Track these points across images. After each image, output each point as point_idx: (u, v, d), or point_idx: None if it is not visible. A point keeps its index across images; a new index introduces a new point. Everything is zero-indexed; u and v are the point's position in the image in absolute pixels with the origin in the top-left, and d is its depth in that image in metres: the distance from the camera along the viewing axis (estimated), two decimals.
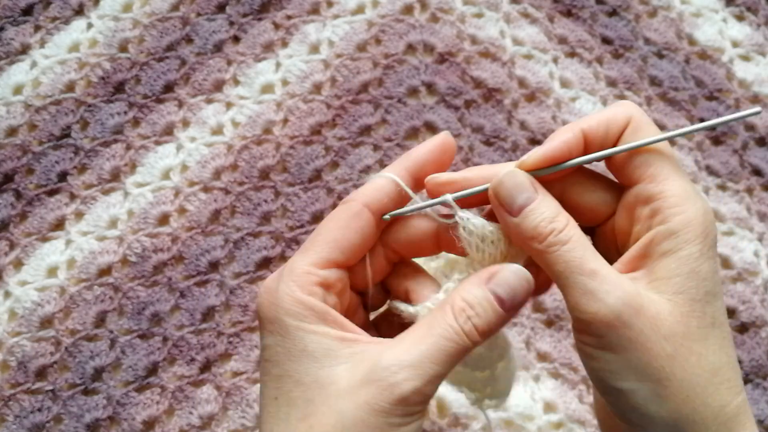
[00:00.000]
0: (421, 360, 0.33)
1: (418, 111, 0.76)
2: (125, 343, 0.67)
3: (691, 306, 0.34)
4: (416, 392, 0.33)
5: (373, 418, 0.32)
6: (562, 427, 0.65)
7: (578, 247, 0.35)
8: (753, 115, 0.37)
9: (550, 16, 0.82)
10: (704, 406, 0.34)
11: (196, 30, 0.80)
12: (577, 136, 0.37)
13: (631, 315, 0.33)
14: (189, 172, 0.74)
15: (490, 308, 0.35)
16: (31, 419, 0.64)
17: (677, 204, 0.35)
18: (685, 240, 0.34)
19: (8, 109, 0.76)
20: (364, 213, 0.37)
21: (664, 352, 0.33)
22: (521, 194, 0.36)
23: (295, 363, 0.34)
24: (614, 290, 0.33)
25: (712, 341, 0.34)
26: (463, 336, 0.34)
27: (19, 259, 0.70)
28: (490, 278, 0.36)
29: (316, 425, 0.33)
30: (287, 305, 0.35)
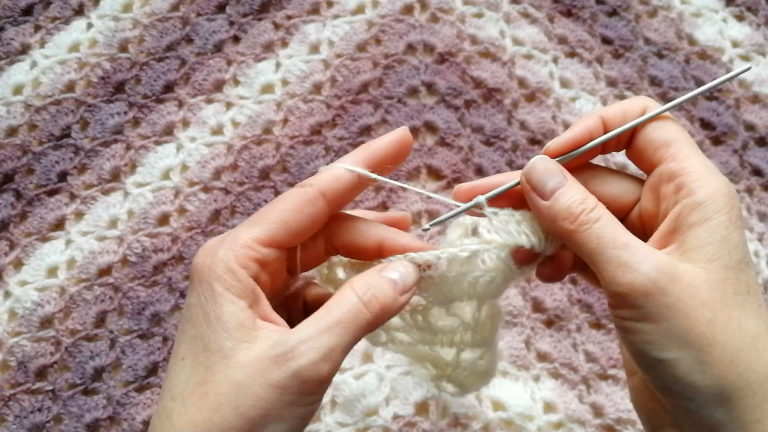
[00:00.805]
0: (317, 334, 0.34)
1: (418, 111, 0.76)
2: (125, 343, 0.67)
3: (726, 273, 0.34)
4: (312, 366, 0.33)
5: (267, 393, 0.33)
6: (562, 427, 0.65)
7: (610, 223, 0.36)
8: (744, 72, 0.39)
9: (550, 16, 0.82)
10: (749, 371, 0.34)
11: (196, 30, 0.80)
12: (597, 123, 0.39)
13: (667, 282, 0.34)
14: (189, 172, 0.74)
15: (387, 286, 0.37)
16: (31, 419, 0.64)
17: (701, 177, 0.36)
18: (713, 209, 0.35)
19: (8, 109, 0.76)
20: (319, 201, 0.38)
21: (703, 318, 0.34)
22: (552, 179, 0.37)
23: (208, 328, 0.35)
24: (648, 260, 0.34)
25: (749, 307, 0.35)
26: (361, 305, 0.35)
27: (19, 259, 0.70)
28: (382, 270, 0.38)
29: (210, 393, 0.33)
30: (219, 271, 0.36)
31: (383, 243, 0.40)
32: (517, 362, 0.67)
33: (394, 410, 0.65)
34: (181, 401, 0.34)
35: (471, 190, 0.41)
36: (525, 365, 0.67)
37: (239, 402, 0.33)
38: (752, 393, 0.34)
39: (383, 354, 0.66)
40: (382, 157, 0.40)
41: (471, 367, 0.46)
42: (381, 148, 0.40)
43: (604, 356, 0.67)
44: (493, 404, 0.65)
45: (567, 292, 0.69)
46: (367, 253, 0.41)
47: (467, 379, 0.47)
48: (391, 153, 0.40)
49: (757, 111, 0.78)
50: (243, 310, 0.35)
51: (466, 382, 0.48)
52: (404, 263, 0.38)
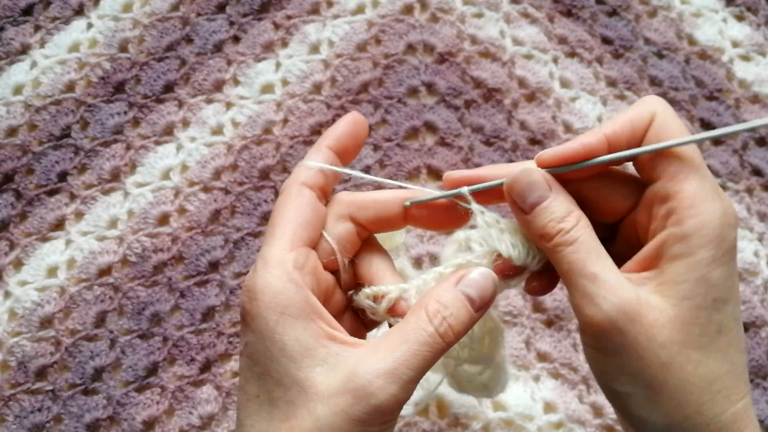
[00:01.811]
0: (396, 367, 0.33)
1: (418, 111, 0.76)
2: (125, 343, 0.67)
3: (696, 313, 0.33)
4: (392, 399, 0.33)
5: (350, 426, 0.33)
6: (562, 427, 0.65)
7: (582, 249, 0.35)
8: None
9: (550, 16, 0.82)
10: (697, 414, 0.33)
11: (196, 30, 0.80)
12: (600, 140, 0.36)
13: (626, 322, 0.33)
14: (189, 172, 0.74)
15: (463, 308, 0.35)
16: (31, 419, 0.64)
17: (692, 206, 0.34)
18: (697, 244, 0.33)
19: (8, 109, 0.76)
20: (304, 190, 0.39)
21: (658, 361, 0.33)
22: (534, 192, 0.36)
23: (275, 363, 0.35)
24: (611, 296, 0.33)
25: (714, 348, 0.34)
26: (438, 338, 0.34)
27: (19, 259, 0.70)
28: (459, 280, 0.36)
29: (296, 428, 0.33)
30: (268, 298, 0.35)
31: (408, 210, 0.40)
32: (517, 362, 0.67)
33: None
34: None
35: (460, 180, 0.39)
36: (525, 365, 0.67)
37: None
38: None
39: None
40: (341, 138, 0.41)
41: (470, 378, 0.46)
42: (337, 133, 0.41)
43: None
44: (493, 404, 0.65)
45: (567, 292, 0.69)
46: (394, 223, 0.41)
47: (466, 386, 0.47)
48: (348, 132, 0.41)
49: (757, 111, 0.78)
50: (304, 330, 0.35)
51: (464, 388, 0.47)
52: (482, 271, 0.36)
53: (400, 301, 0.39)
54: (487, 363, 0.45)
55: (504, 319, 0.68)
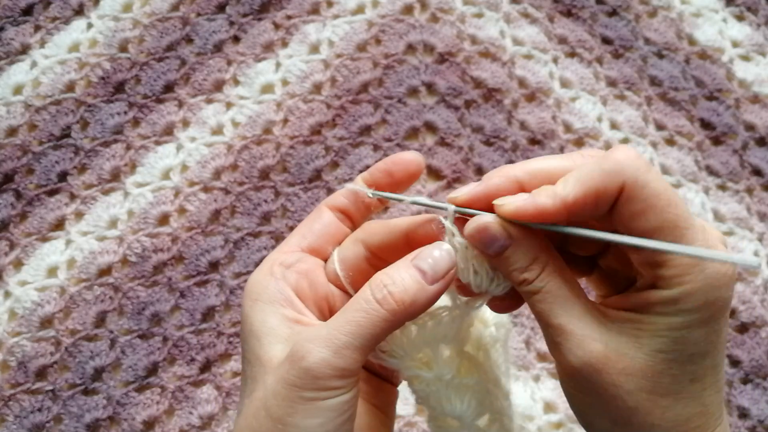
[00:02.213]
0: (329, 332, 0.34)
1: (418, 111, 0.76)
2: (125, 343, 0.67)
3: (668, 365, 0.33)
4: (324, 363, 0.33)
5: (287, 391, 0.34)
6: (562, 427, 0.65)
7: (547, 299, 0.34)
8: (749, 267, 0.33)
9: (550, 16, 0.82)
10: None
11: (196, 30, 0.80)
12: (557, 207, 0.33)
13: (591, 373, 0.33)
14: (189, 172, 0.74)
15: (410, 278, 0.35)
16: (31, 419, 0.64)
17: (684, 273, 0.32)
18: (681, 309, 0.32)
19: (8, 109, 0.75)
20: (323, 209, 0.41)
21: (624, 405, 0.33)
22: (494, 243, 0.35)
23: (246, 344, 0.37)
24: (575, 349, 0.33)
25: (685, 395, 0.33)
26: (375, 304, 0.34)
27: (19, 259, 0.70)
28: (415, 257, 0.36)
29: (254, 400, 0.35)
30: (247, 288, 0.38)
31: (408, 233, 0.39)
32: (517, 362, 0.67)
33: None
34: (239, 414, 0.37)
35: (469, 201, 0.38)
36: (525, 365, 0.67)
37: (269, 403, 0.34)
38: None
39: None
40: (372, 176, 0.40)
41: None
42: (378, 170, 0.41)
43: None
44: None
45: None
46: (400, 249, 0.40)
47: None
48: (382, 171, 0.40)
49: (757, 111, 0.78)
50: (272, 315, 0.37)
51: None
52: (439, 246, 0.36)
53: None
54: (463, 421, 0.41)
55: None
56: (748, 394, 0.67)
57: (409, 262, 0.36)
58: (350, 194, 0.41)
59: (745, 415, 0.67)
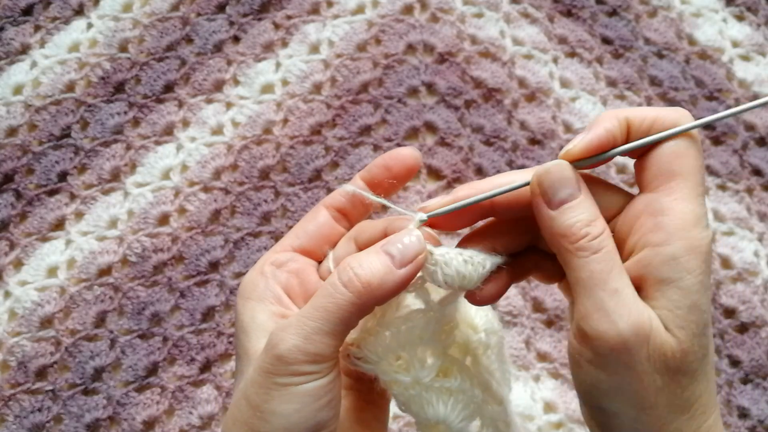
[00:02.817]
0: (298, 319, 0.35)
1: (418, 111, 0.76)
2: (125, 343, 0.67)
3: (691, 341, 0.33)
4: (294, 349, 0.34)
5: (263, 379, 0.34)
6: (562, 427, 0.65)
7: (608, 260, 0.34)
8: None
9: (550, 16, 0.82)
10: (677, 430, 0.34)
11: (196, 30, 0.80)
12: (622, 125, 0.35)
13: (636, 344, 0.33)
14: (189, 172, 0.74)
15: (378, 262, 0.35)
16: (31, 419, 0.64)
17: (684, 227, 0.33)
18: (686, 269, 0.33)
19: (8, 109, 0.75)
20: (320, 208, 0.41)
21: (654, 385, 0.34)
22: (565, 189, 0.35)
23: (238, 339, 0.38)
24: (629, 316, 0.33)
25: (700, 372, 0.34)
26: (341, 287, 0.35)
27: (19, 259, 0.70)
28: (383, 243, 0.36)
29: (239, 390, 0.36)
30: (241, 286, 0.39)
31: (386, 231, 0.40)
32: (517, 362, 0.67)
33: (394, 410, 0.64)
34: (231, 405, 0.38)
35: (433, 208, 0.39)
36: (525, 365, 0.67)
37: (248, 392, 0.35)
38: None
39: None
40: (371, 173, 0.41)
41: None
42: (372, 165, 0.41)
43: None
44: None
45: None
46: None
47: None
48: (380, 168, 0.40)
49: (757, 111, 0.78)
50: (261, 311, 0.38)
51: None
52: (408, 232, 0.36)
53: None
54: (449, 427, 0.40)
55: (504, 319, 0.68)
56: (748, 394, 0.67)
57: (379, 248, 0.36)
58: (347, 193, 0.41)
59: (745, 415, 0.67)
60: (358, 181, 0.41)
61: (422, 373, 0.38)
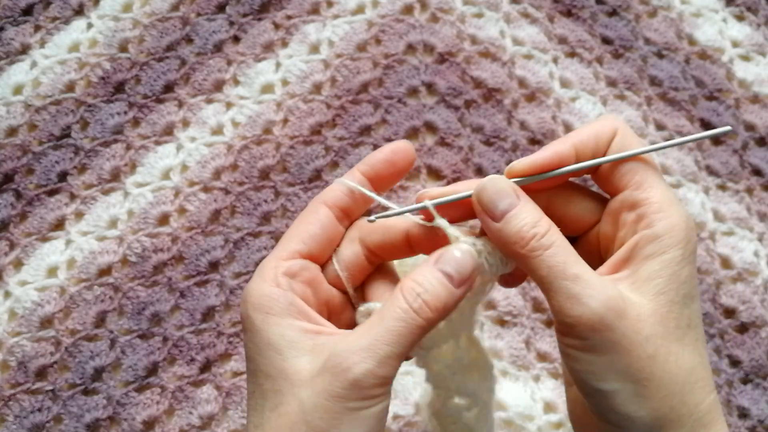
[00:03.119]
0: (371, 342, 0.34)
1: (418, 111, 0.76)
2: (125, 343, 0.67)
3: (670, 307, 0.35)
4: (369, 374, 0.34)
5: (331, 404, 0.34)
6: (562, 427, 0.65)
7: (561, 252, 0.35)
8: (723, 134, 0.39)
9: (550, 16, 0.82)
10: (681, 404, 0.35)
11: (196, 30, 0.80)
12: (568, 149, 0.38)
13: (614, 318, 0.34)
14: (189, 172, 0.74)
15: (439, 284, 0.36)
16: (31, 419, 0.64)
17: (661, 210, 0.36)
18: (668, 244, 0.35)
19: (8, 109, 0.76)
20: (321, 208, 0.40)
21: (645, 354, 0.34)
22: (503, 200, 0.37)
23: (263, 357, 0.36)
24: (597, 294, 0.34)
25: (687, 341, 0.36)
26: (412, 313, 0.35)
27: (19, 259, 0.70)
28: (437, 260, 0.37)
29: (284, 414, 0.35)
30: (254, 299, 0.37)
31: (409, 232, 0.40)
32: (517, 362, 0.67)
33: (394, 410, 0.65)
34: (260, 429, 0.36)
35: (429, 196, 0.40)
36: (525, 365, 0.67)
37: (309, 417, 0.34)
38: (681, 424, 0.35)
39: None
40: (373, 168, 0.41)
41: (456, 415, 0.45)
42: (372, 159, 0.41)
43: None
44: None
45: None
46: (399, 249, 0.41)
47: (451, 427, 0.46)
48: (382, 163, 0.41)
49: (757, 111, 0.78)
50: (289, 327, 0.36)
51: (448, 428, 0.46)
52: (459, 247, 0.37)
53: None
54: (475, 399, 0.44)
55: (504, 319, 0.68)
56: (748, 394, 0.67)
57: (434, 267, 0.37)
58: (349, 189, 0.40)
59: (745, 415, 0.67)
60: (358, 174, 0.41)
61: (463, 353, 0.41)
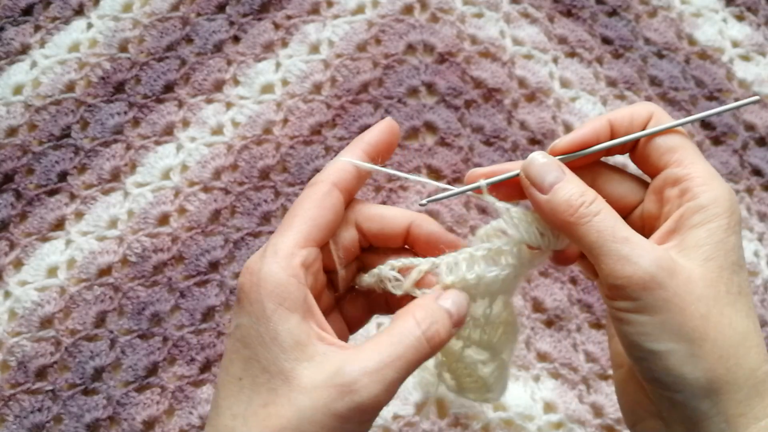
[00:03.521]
0: (381, 367, 0.34)
1: (418, 111, 0.76)
2: (125, 343, 0.67)
3: (720, 273, 0.36)
4: (375, 399, 0.34)
5: (329, 421, 0.34)
6: (562, 427, 0.65)
7: (609, 217, 0.36)
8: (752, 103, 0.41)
9: (550, 16, 0.82)
10: (737, 366, 0.35)
11: (196, 30, 0.80)
12: (605, 125, 0.40)
13: (665, 277, 0.35)
14: (189, 172, 0.74)
15: (446, 320, 0.38)
16: (31, 419, 0.64)
17: (705, 182, 0.37)
18: (714, 213, 0.36)
19: (8, 109, 0.76)
20: (334, 192, 0.40)
21: (698, 313, 0.35)
22: (550, 173, 0.38)
23: (265, 349, 0.35)
24: (648, 254, 0.35)
25: (739, 307, 0.36)
26: (425, 342, 0.36)
27: (19, 259, 0.70)
28: (438, 297, 0.39)
29: (274, 415, 0.34)
30: (269, 287, 0.36)
31: (411, 228, 0.41)
32: (517, 362, 0.67)
33: (394, 410, 0.65)
34: (242, 420, 0.35)
35: (481, 176, 0.41)
36: (525, 365, 0.67)
37: (303, 428, 0.34)
38: (738, 388, 0.35)
39: None
40: (376, 144, 0.41)
41: (472, 367, 0.46)
42: (373, 137, 0.41)
43: (604, 356, 0.67)
44: (493, 404, 0.65)
45: (567, 292, 0.69)
46: (395, 240, 0.42)
47: (463, 379, 0.47)
48: (382, 139, 0.42)
49: (757, 111, 0.78)
50: (298, 326, 0.36)
51: (462, 382, 0.47)
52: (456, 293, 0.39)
53: (428, 275, 0.41)
54: (494, 354, 0.45)
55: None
56: None
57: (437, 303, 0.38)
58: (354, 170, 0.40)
59: None
60: (359, 152, 0.41)
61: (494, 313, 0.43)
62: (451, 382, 0.48)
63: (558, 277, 0.70)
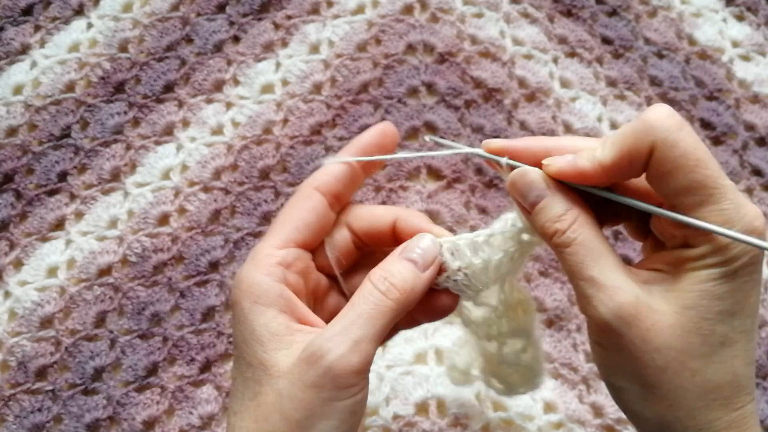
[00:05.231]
0: (344, 327, 0.35)
1: (418, 111, 0.76)
2: (125, 343, 0.67)
3: (698, 323, 0.33)
4: (342, 359, 0.34)
5: (306, 394, 0.34)
6: (562, 427, 0.65)
7: (579, 251, 0.35)
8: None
9: (550, 16, 0.82)
10: (689, 417, 0.34)
11: (196, 30, 0.80)
12: (595, 169, 0.35)
13: (621, 326, 0.34)
14: (189, 172, 0.74)
15: (405, 269, 0.37)
16: (31, 419, 0.64)
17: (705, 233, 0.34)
18: (709, 263, 0.33)
19: (8, 109, 0.76)
20: (314, 194, 0.40)
21: (653, 363, 0.34)
22: (532, 192, 0.37)
23: (246, 346, 0.37)
24: (607, 301, 0.34)
25: (716, 359, 0.34)
26: (380, 295, 0.36)
27: (19, 259, 0.70)
28: (402, 251, 0.39)
29: (262, 404, 0.35)
30: (245, 287, 0.38)
31: (396, 223, 0.41)
32: None
33: (394, 410, 0.65)
34: (240, 416, 0.36)
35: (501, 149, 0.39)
36: None
37: (284, 407, 0.34)
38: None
39: (383, 354, 0.66)
40: (367, 148, 0.41)
41: (515, 361, 0.46)
42: (365, 141, 0.42)
43: None
44: (493, 404, 0.65)
45: (567, 292, 0.69)
46: (384, 238, 0.42)
47: (512, 376, 0.48)
48: (375, 143, 0.42)
49: (757, 111, 0.78)
50: (274, 318, 0.37)
51: (511, 379, 0.48)
52: (422, 238, 0.39)
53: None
54: (527, 336, 0.46)
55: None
56: None
57: (399, 256, 0.38)
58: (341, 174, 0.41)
59: None
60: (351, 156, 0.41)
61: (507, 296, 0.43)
62: (500, 386, 0.49)
63: (558, 277, 0.70)
